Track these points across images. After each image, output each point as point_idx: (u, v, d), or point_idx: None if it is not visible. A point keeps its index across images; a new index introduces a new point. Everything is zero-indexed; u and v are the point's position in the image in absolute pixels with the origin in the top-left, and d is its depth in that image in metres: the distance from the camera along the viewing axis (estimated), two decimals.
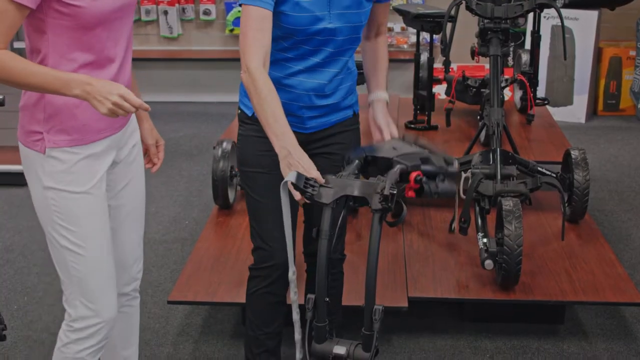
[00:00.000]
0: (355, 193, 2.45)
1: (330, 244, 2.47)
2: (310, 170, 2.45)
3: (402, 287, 3.67)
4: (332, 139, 2.91)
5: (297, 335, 2.54)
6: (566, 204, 4.28)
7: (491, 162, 4.04)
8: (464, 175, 4.10)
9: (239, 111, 2.91)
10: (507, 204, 3.66)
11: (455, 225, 2.69)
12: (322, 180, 2.44)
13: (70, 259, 2.53)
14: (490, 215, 3.91)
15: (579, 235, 4.26)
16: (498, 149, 4.08)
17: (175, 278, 4.24)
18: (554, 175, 4.35)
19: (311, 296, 2.42)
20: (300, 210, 2.93)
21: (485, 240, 3.74)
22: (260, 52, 2.56)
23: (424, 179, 2.53)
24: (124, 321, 2.93)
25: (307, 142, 2.82)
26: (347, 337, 2.48)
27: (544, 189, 4.24)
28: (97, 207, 2.57)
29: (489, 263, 3.64)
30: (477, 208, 3.91)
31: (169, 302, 3.71)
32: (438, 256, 4.01)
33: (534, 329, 3.82)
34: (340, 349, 2.43)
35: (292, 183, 2.42)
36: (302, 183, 2.43)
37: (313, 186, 2.45)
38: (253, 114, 2.78)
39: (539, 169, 4.32)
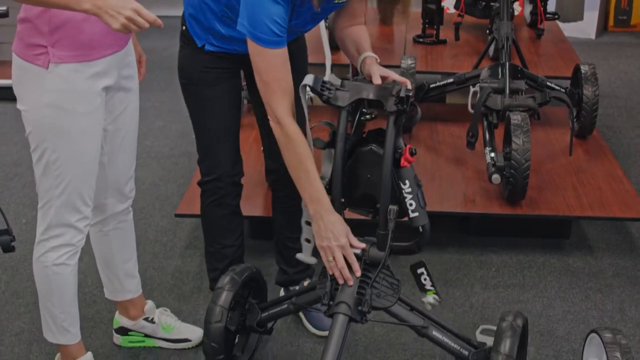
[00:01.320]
0: (371, 96, 2.45)
1: (346, 145, 2.51)
2: (340, 237, 2.46)
3: None
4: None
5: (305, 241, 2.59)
6: (575, 120, 4.26)
7: (500, 76, 4.01)
8: (472, 89, 4.07)
9: (184, 29, 2.80)
10: (516, 118, 3.64)
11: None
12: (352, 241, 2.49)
13: (56, 173, 2.54)
14: (498, 129, 3.89)
15: (587, 150, 4.24)
16: (507, 63, 4.04)
17: (183, 192, 4.25)
18: (563, 90, 4.32)
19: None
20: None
21: (492, 154, 3.73)
22: (288, 99, 2.48)
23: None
24: (120, 237, 2.97)
25: None
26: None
27: (552, 104, 4.22)
28: (94, 128, 2.58)
29: (496, 177, 3.63)
30: (485, 122, 3.89)
31: (177, 216, 3.73)
32: (445, 170, 4.01)
33: (539, 244, 3.84)
34: (354, 250, 2.52)
35: (309, 86, 2.45)
36: (319, 86, 2.45)
37: (329, 89, 2.45)
38: (203, 46, 2.76)
39: (548, 83, 4.29)
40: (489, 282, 3.55)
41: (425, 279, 2.62)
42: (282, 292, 3.35)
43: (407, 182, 2.48)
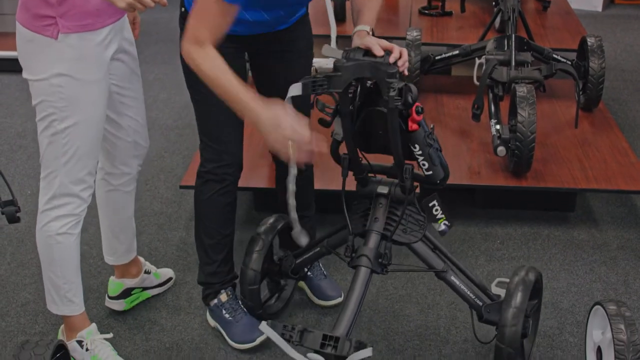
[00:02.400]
0: (367, 74, 2.43)
1: (352, 118, 2.52)
2: (283, 123, 2.27)
3: None
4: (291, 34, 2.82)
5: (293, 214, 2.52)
6: (580, 92, 4.24)
7: (506, 48, 4.00)
8: (478, 61, 4.05)
9: (183, 11, 2.71)
10: (521, 90, 3.63)
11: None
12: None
13: (63, 142, 2.56)
14: (504, 102, 3.88)
15: (593, 123, 4.23)
16: (513, 35, 4.03)
17: (188, 163, 4.25)
18: (569, 62, 4.30)
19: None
20: None
21: (498, 127, 3.72)
22: (211, 33, 2.34)
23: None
24: (134, 193, 3.07)
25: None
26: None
27: (558, 76, 4.21)
28: (101, 96, 2.61)
29: (501, 150, 3.63)
30: (491, 95, 3.88)
31: (181, 187, 3.73)
32: (450, 143, 4.00)
33: (544, 216, 3.83)
34: (383, 189, 2.64)
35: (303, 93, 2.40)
36: (310, 88, 2.39)
37: (321, 85, 2.41)
38: None
39: (554, 56, 4.27)
40: (494, 254, 3.56)
41: (436, 210, 2.72)
42: None
43: (416, 145, 2.51)
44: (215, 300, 3.01)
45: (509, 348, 2.54)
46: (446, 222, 2.73)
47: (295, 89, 2.39)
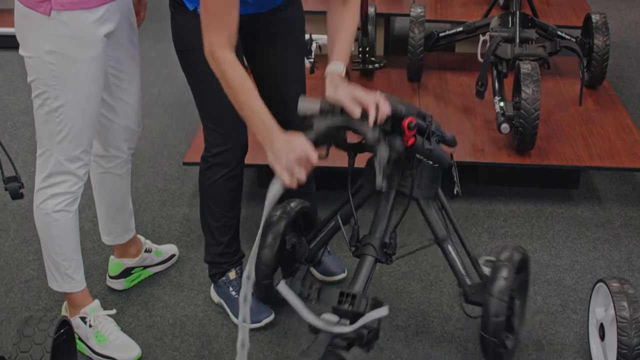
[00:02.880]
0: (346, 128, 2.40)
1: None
2: (291, 150, 2.23)
3: None
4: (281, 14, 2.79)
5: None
6: (585, 69, 4.23)
7: (510, 25, 3.97)
8: (482, 38, 4.04)
9: None
10: (526, 67, 3.62)
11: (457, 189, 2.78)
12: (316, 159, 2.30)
13: (57, 120, 2.55)
14: (508, 79, 3.87)
15: (597, 100, 4.22)
16: (517, 12, 4.00)
17: (191, 140, 4.25)
18: (574, 39, 4.28)
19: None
20: None
21: (502, 104, 3.71)
22: (225, 29, 2.34)
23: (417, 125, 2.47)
24: (129, 175, 3.05)
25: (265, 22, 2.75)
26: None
27: (562, 53, 4.19)
28: (96, 75, 2.59)
29: (505, 127, 3.62)
30: (495, 72, 3.87)
31: (185, 164, 3.72)
32: (454, 119, 3.99)
33: (548, 194, 3.83)
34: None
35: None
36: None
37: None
38: (195, 9, 2.63)
39: (559, 33, 4.25)
40: (497, 231, 3.55)
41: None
42: None
43: (417, 154, 2.54)
44: (223, 278, 3.01)
45: (493, 338, 2.53)
46: (458, 189, 2.76)
47: (276, 189, 2.32)
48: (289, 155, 2.22)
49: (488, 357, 2.61)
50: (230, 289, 3.00)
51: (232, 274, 3.01)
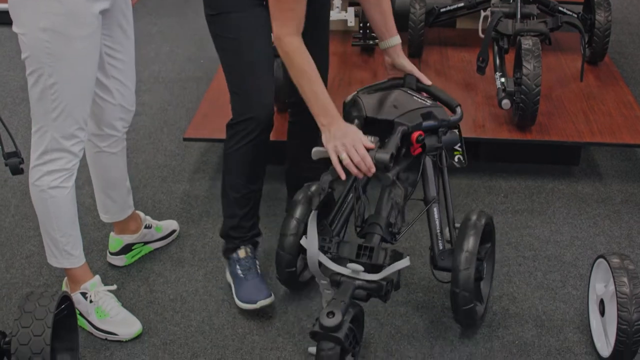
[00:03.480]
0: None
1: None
2: (348, 136, 2.47)
3: None
4: None
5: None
6: (586, 45, 4.21)
7: (511, 1, 3.96)
8: (483, 13, 4.02)
9: None
10: (527, 43, 3.60)
11: None
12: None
13: (52, 98, 2.54)
14: (509, 54, 3.86)
15: (598, 76, 4.21)
16: None
17: (191, 116, 4.24)
18: (575, 15, 4.27)
19: None
20: None
21: (503, 79, 3.71)
22: (294, 24, 2.50)
23: (425, 137, 2.64)
24: (124, 154, 3.03)
25: None
26: None
27: (564, 29, 4.18)
28: (91, 52, 2.57)
29: (506, 103, 3.61)
30: (496, 47, 3.85)
31: (185, 140, 3.72)
32: (454, 96, 3.90)
33: (548, 170, 3.83)
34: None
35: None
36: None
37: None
38: None
39: (560, 8, 4.23)
40: (498, 207, 3.55)
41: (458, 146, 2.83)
42: None
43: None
44: (234, 255, 2.99)
45: (463, 292, 2.58)
46: (462, 158, 2.81)
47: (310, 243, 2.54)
48: (342, 140, 2.46)
49: (459, 315, 2.67)
50: (238, 267, 2.96)
51: (242, 252, 2.97)
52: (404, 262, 2.48)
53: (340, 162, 2.48)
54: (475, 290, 2.64)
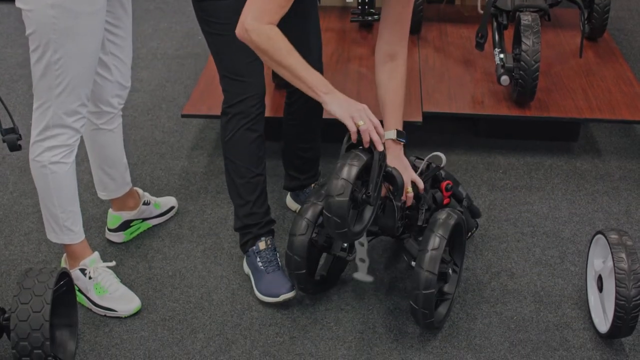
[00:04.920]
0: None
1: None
2: (358, 105, 2.41)
3: (417, 102, 3.66)
4: None
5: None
6: (585, 21, 4.19)
7: None
8: None
9: None
10: (526, 18, 3.59)
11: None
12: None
13: (57, 73, 2.53)
14: (508, 30, 3.85)
15: (597, 53, 4.20)
16: None
17: (189, 93, 4.23)
18: None
19: None
20: None
21: (502, 55, 3.70)
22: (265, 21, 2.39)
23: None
24: (121, 131, 3.03)
25: None
26: None
27: (563, 5, 4.17)
28: (96, 28, 2.57)
29: (505, 79, 3.61)
30: (495, 23, 3.84)
31: (183, 116, 3.71)
32: (453, 72, 3.97)
33: (547, 146, 3.82)
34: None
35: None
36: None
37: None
38: None
39: None
40: (496, 183, 3.55)
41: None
42: (288, 197, 3.37)
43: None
44: (254, 247, 2.94)
45: (423, 309, 2.57)
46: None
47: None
48: (355, 106, 2.39)
49: (419, 324, 2.69)
50: (258, 259, 2.92)
51: (262, 244, 2.93)
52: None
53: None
54: (439, 293, 2.66)
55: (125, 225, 3.18)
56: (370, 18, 4.31)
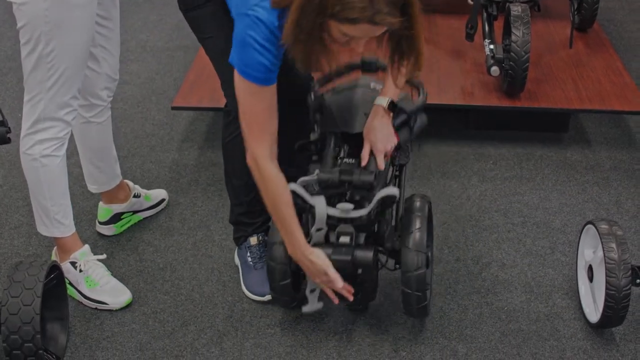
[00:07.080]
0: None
1: None
2: (320, 275, 2.51)
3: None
4: None
5: None
6: (575, 12, 4.20)
7: None
8: None
9: None
10: (516, 9, 3.59)
11: None
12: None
13: (48, 66, 2.53)
14: (498, 21, 3.85)
15: (587, 43, 4.20)
16: None
17: (179, 85, 4.22)
18: None
19: None
20: None
21: (492, 46, 3.70)
22: (267, 141, 2.41)
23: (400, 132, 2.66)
24: (110, 123, 3.02)
25: None
26: None
27: None
28: (88, 20, 2.58)
29: (495, 69, 3.61)
30: (485, 14, 3.84)
31: (173, 108, 3.71)
32: (443, 63, 3.97)
33: (537, 137, 3.83)
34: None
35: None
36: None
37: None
38: None
39: None
40: (486, 174, 3.56)
41: None
42: None
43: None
44: (245, 242, 2.95)
45: (416, 292, 2.55)
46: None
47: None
48: (318, 276, 2.51)
49: (412, 312, 2.64)
50: (248, 254, 2.92)
51: (253, 240, 2.93)
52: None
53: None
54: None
55: (115, 218, 3.18)
56: None
